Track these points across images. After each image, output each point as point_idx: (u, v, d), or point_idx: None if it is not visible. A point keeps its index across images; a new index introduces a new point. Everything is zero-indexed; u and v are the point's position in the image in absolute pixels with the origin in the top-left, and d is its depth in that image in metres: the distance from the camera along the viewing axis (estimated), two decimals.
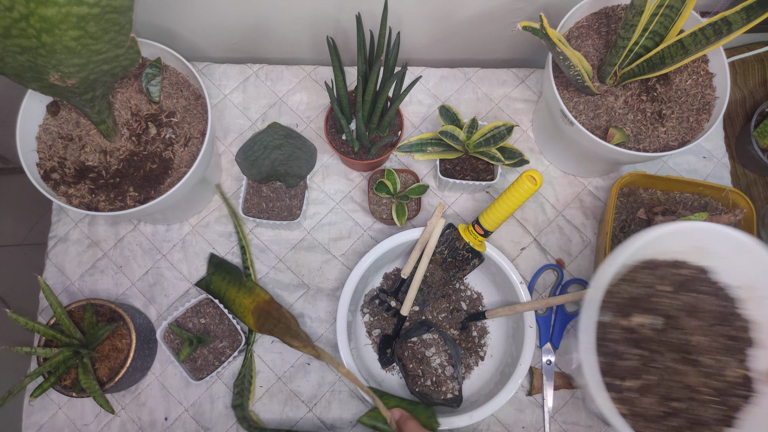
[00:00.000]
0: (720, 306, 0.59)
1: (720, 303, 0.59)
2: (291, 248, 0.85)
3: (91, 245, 0.85)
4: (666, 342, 0.56)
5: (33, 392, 0.67)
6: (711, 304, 0.58)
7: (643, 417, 0.54)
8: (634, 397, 0.55)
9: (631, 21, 0.66)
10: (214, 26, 0.86)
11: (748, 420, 0.55)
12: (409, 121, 0.91)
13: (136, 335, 0.73)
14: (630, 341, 0.56)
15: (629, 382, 0.55)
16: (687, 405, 0.55)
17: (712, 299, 0.59)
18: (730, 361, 0.56)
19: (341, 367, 0.72)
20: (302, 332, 0.77)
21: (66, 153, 0.71)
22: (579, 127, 0.70)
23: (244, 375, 0.79)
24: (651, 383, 0.55)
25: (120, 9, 0.53)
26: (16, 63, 0.55)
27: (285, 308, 0.79)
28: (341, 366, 0.72)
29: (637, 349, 0.56)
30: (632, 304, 0.58)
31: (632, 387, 0.54)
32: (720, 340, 0.57)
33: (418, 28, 0.86)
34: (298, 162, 0.73)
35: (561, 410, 0.80)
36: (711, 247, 0.59)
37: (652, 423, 0.54)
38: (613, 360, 0.55)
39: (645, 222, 0.81)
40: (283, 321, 0.78)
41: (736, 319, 0.58)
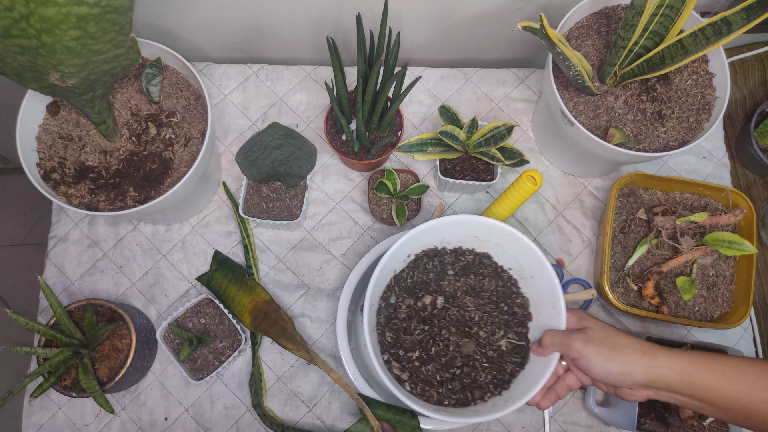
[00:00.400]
0: (501, 286, 0.68)
1: (501, 283, 0.68)
2: (291, 248, 0.85)
3: (91, 245, 0.85)
4: (449, 318, 0.66)
5: (33, 392, 0.67)
6: (492, 285, 0.68)
7: (426, 382, 0.64)
8: (417, 365, 0.64)
9: (631, 21, 0.66)
10: (214, 26, 0.86)
11: (518, 381, 0.63)
12: (409, 121, 0.91)
13: (136, 335, 0.73)
14: (419, 318, 0.66)
15: (414, 353, 0.65)
16: (465, 371, 0.64)
17: (494, 281, 0.68)
18: (506, 332, 0.66)
19: (333, 373, 0.72)
20: (297, 335, 0.77)
21: (66, 153, 0.71)
22: (579, 127, 0.70)
23: (254, 373, 0.79)
24: (433, 353, 0.65)
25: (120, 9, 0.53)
26: (16, 63, 0.55)
27: (283, 310, 0.79)
28: (333, 371, 0.72)
29: (424, 325, 0.66)
30: (421, 287, 0.68)
31: (416, 357, 0.64)
32: (499, 315, 0.66)
33: (418, 28, 0.86)
34: (298, 162, 0.73)
35: (561, 410, 0.80)
36: (481, 235, 0.67)
37: (434, 387, 0.63)
38: (401, 335, 0.66)
39: (645, 222, 0.81)
40: (280, 323, 0.78)
41: (517, 297, 0.68)
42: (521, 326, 0.66)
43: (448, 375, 0.64)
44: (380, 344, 0.66)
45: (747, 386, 0.50)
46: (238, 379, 0.80)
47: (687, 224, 0.78)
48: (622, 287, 0.79)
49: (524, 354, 0.65)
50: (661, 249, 0.79)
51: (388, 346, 0.65)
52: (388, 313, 0.67)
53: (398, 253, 0.65)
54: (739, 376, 0.51)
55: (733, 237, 0.74)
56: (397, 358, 0.65)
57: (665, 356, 0.53)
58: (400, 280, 0.68)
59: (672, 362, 0.53)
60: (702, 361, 0.52)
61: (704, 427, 0.72)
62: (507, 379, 0.64)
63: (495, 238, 0.67)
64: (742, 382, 0.51)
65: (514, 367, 0.64)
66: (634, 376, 0.54)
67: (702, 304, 0.79)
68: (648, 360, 0.53)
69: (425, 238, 0.67)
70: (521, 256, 0.66)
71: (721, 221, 0.78)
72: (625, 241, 0.81)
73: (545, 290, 0.64)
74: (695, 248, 0.77)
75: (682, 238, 0.77)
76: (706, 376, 0.52)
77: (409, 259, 0.68)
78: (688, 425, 0.72)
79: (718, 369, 0.52)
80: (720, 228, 0.79)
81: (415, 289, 0.68)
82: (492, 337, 0.66)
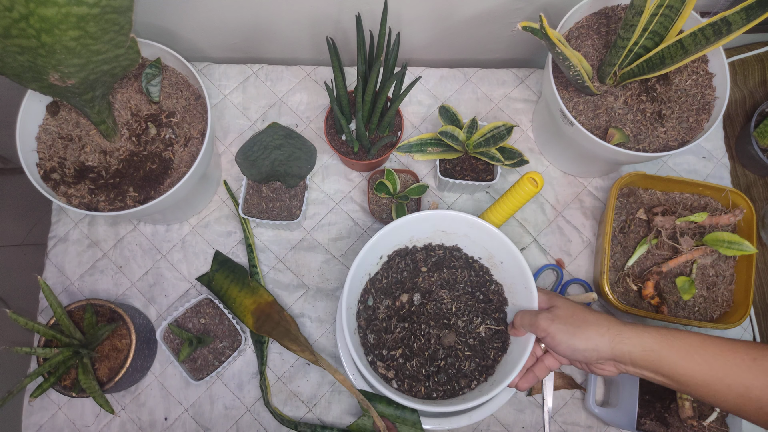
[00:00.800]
0: (474, 275, 0.70)
1: (474, 273, 0.70)
2: (291, 248, 0.85)
3: (91, 245, 0.85)
4: (427, 313, 0.68)
5: (33, 392, 0.67)
6: (466, 275, 0.70)
7: (412, 378, 0.65)
8: (402, 362, 0.66)
9: (631, 21, 0.66)
10: (214, 26, 0.86)
11: (502, 366, 0.65)
12: (409, 121, 0.91)
13: (136, 335, 0.73)
14: (399, 317, 0.68)
15: (397, 351, 0.66)
16: (449, 362, 0.66)
17: (466, 271, 0.70)
18: (483, 319, 0.67)
19: (337, 374, 0.72)
20: (301, 336, 0.77)
21: (66, 153, 0.71)
22: (579, 127, 0.70)
23: (263, 372, 0.79)
24: (416, 349, 0.66)
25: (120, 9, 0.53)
26: (16, 63, 0.55)
27: (287, 311, 0.79)
28: (337, 372, 0.72)
29: (404, 323, 0.67)
30: (396, 286, 0.69)
31: (399, 354, 0.66)
32: (475, 304, 0.68)
33: (418, 28, 0.86)
34: (297, 162, 0.73)
35: (561, 410, 0.80)
36: (448, 228, 0.70)
37: (420, 381, 0.65)
38: (383, 335, 0.67)
39: (645, 222, 0.81)
40: (283, 324, 0.78)
41: (491, 284, 0.70)
42: (498, 311, 0.68)
43: (433, 368, 0.66)
44: (363, 346, 0.67)
45: (703, 365, 0.52)
46: (238, 380, 0.80)
47: (687, 224, 0.78)
48: (622, 287, 0.79)
49: (505, 339, 0.67)
50: (660, 249, 0.79)
51: (372, 348, 0.67)
52: (367, 315, 0.69)
53: (369, 256, 0.67)
54: (697, 355, 0.52)
55: (732, 237, 0.74)
56: (382, 358, 0.66)
57: (631, 332, 0.54)
58: (375, 282, 0.70)
59: (637, 338, 0.54)
60: (665, 338, 0.53)
61: (704, 427, 0.72)
62: (491, 365, 0.66)
63: (461, 230, 0.69)
64: (699, 360, 0.52)
65: (497, 353, 0.66)
66: (599, 351, 0.55)
67: (702, 304, 0.79)
68: (613, 336, 0.55)
69: (394, 238, 0.69)
70: (488, 244, 0.68)
71: (721, 221, 0.78)
72: (625, 241, 0.81)
73: (515, 273, 0.66)
74: (695, 248, 0.77)
75: (682, 238, 0.77)
76: (667, 353, 0.53)
77: (382, 261, 0.71)
78: (688, 425, 0.72)
79: (677, 346, 0.53)
80: (720, 228, 0.79)
81: (391, 289, 0.70)
82: (471, 325, 0.67)
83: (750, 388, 0.50)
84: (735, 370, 0.51)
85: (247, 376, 0.80)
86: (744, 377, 0.50)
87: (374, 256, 0.69)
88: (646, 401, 0.74)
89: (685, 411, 0.72)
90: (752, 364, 0.50)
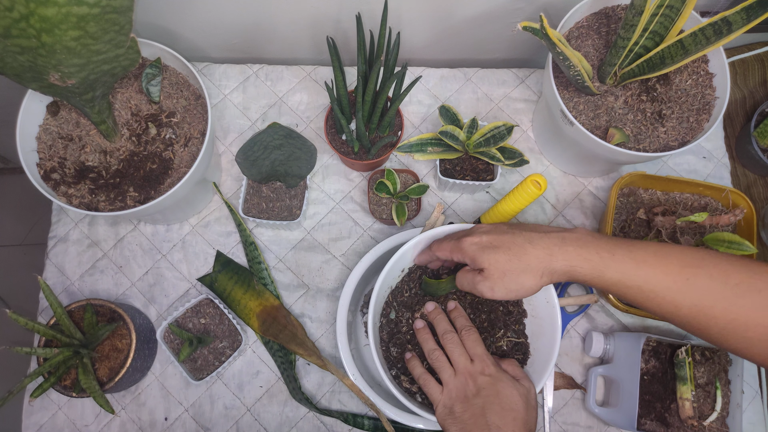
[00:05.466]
0: None
1: None
2: (291, 248, 0.85)
3: (91, 245, 0.85)
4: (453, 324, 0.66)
5: (33, 392, 0.67)
6: None
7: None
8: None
9: (631, 21, 0.66)
10: (214, 26, 0.86)
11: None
12: (409, 121, 0.91)
13: (136, 335, 0.73)
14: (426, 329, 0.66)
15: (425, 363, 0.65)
16: None
17: None
18: (505, 332, 0.67)
19: (346, 379, 0.72)
20: (309, 341, 0.77)
21: (66, 153, 0.71)
22: (579, 127, 0.70)
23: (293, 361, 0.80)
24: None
25: (120, 9, 0.53)
26: (16, 63, 0.55)
27: (293, 315, 0.79)
28: (346, 378, 0.72)
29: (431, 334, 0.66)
30: (418, 300, 0.69)
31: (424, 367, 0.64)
32: (496, 316, 0.68)
33: (418, 28, 0.86)
34: (298, 162, 0.73)
35: (561, 410, 0.80)
36: None
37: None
38: (407, 348, 0.67)
39: (645, 222, 0.81)
40: (290, 328, 0.78)
41: None
42: (518, 323, 0.68)
43: None
44: (386, 360, 0.67)
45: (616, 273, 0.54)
46: (238, 380, 0.80)
47: (687, 224, 0.78)
48: None
49: (525, 350, 0.67)
50: None
51: (395, 361, 0.67)
52: (390, 329, 0.68)
53: (393, 270, 0.67)
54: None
55: (733, 237, 0.74)
56: (405, 372, 0.66)
57: (564, 259, 0.55)
58: (397, 295, 0.70)
59: (573, 260, 0.55)
60: (609, 255, 0.54)
61: (704, 427, 0.72)
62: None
63: None
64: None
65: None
66: (540, 287, 0.57)
67: None
68: (549, 275, 0.56)
69: (416, 252, 0.68)
70: None
71: (721, 221, 0.78)
72: None
73: None
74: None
75: (682, 238, 0.77)
76: (611, 272, 0.54)
77: (404, 273, 0.70)
78: (688, 425, 0.72)
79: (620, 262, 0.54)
80: (720, 228, 0.79)
81: (412, 302, 0.69)
82: (492, 338, 0.67)
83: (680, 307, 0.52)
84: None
85: (247, 376, 0.80)
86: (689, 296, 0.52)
87: (396, 270, 0.69)
88: (646, 401, 0.74)
89: (685, 411, 0.72)
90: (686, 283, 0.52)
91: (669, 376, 0.74)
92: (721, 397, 0.73)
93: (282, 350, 0.79)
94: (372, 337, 0.64)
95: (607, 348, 0.79)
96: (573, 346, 0.82)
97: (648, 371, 0.75)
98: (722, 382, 0.74)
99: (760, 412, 0.81)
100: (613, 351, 0.79)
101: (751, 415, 0.81)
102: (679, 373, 0.72)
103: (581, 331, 0.83)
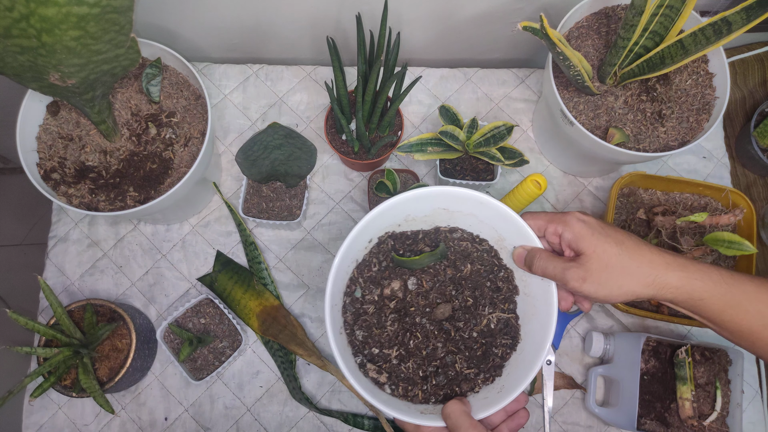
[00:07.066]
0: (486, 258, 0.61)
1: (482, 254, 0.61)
2: (291, 248, 0.85)
3: (91, 245, 0.85)
4: (425, 302, 0.59)
5: (33, 392, 0.67)
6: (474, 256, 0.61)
7: (408, 380, 0.57)
8: (396, 363, 0.58)
9: (631, 21, 0.66)
10: (214, 26, 0.86)
11: (511, 365, 0.57)
12: (409, 121, 0.91)
13: (136, 335, 0.73)
14: (392, 309, 0.59)
15: (391, 350, 0.58)
16: (449, 360, 0.58)
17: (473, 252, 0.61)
18: (493, 310, 0.58)
19: (345, 381, 0.72)
20: (309, 341, 0.77)
21: (66, 153, 0.71)
22: (579, 127, 0.70)
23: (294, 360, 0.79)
24: (412, 347, 0.58)
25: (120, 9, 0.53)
26: (16, 63, 0.55)
27: (293, 316, 0.79)
28: (345, 380, 0.72)
29: (397, 314, 0.59)
30: (389, 272, 0.60)
31: (394, 355, 0.58)
32: (484, 291, 0.59)
33: (418, 28, 0.86)
34: (298, 162, 0.73)
35: (561, 410, 0.80)
36: (452, 206, 0.60)
37: (417, 384, 0.57)
38: (373, 330, 0.58)
39: (645, 222, 0.81)
40: (290, 328, 0.78)
41: (501, 269, 0.60)
42: (507, 302, 0.60)
43: (431, 368, 0.58)
44: (351, 345, 0.59)
45: (755, 315, 0.49)
46: (238, 379, 0.80)
47: (687, 224, 0.78)
48: None
49: (514, 333, 0.59)
50: None
51: (360, 347, 0.59)
52: (355, 309, 0.60)
53: (358, 239, 0.57)
54: (750, 304, 0.49)
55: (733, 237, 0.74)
56: (372, 359, 0.58)
57: (678, 279, 0.49)
58: (363, 269, 0.61)
59: (685, 286, 0.49)
60: (717, 285, 0.49)
61: (704, 427, 0.72)
62: (498, 364, 0.58)
63: (466, 208, 0.60)
64: (750, 310, 0.49)
65: (505, 350, 0.59)
66: (637, 298, 0.50)
67: None
68: (658, 287, 0.49)
69: (387, 218, 0.59)
70: (498, 225, 0.59)
71: (721, 221, 0.78)
72: None
73: None
74: (695, 248, 0.77)
75: (682, 238, 0.77)
76: (714, 303, 0.49)
77: (372, 244, 0.61)
78: (688, 425, 0.72)
79: (729, 293, 0.49)
80: (720, 228, 0.79)
81: (381, 276, 0.61)
82: (476, 319, 0.59)
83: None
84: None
85: (247, 375, 0.80)
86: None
87: (363, 240, 0.59)
88: (646, 401, 0.74)
89: (685, 411, 0.72)
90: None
91: (669, 376, 0.74)
92: (721, 396, 0.73)
93: (282, 350, 0.79)
94: (329, 320, 0.55)
95: (607, 348, 0.79)
96: (573, 346, 0.82)
97: (648, 371, 0.75)
98: (722, 382, 0.74)
99: (760, 411, 0.81)
100: (613, 351, 0.79)
101: (751, 414, 0.81)
102: (679, 373, 0.72)
103: (581, 331, 0.83)
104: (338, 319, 0.59)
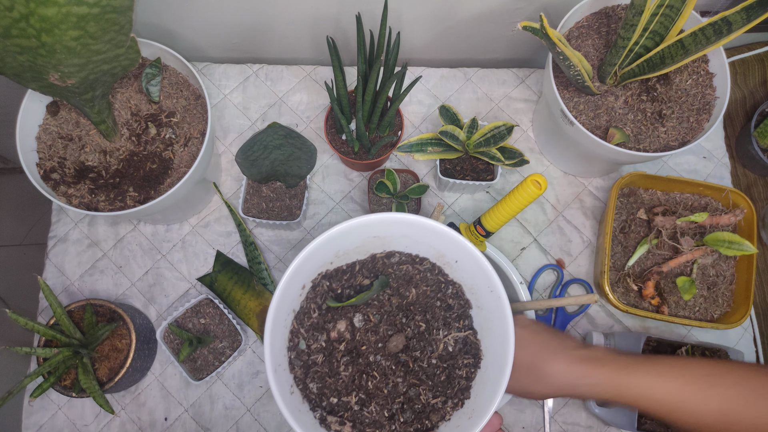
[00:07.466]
0: (431, 277, 0.59)
1: (425, 274, 0.59)
2: (291, 248, 0.85)
3: (91, 245, 0.84)
4: (376, 338, 0.56)
5: (33, 392, 0.67)
6: (417, 278, 0.59)
7: (374, 424, 0.54)
8: (358, 409, 0.54)
9: (631, 21, 0.66)
10: (214, 26, 0.86)
11: (478, 384, 0.56)
12: (409, 121, 0.91)
13: (136, 335, 0.73)
14: (342, 352, 0.55)
15: (350, 396, 0.54)
16: (413, 393, 0.55)
17: (417, 274, 0.59)
18: (449, 331, 0.57)
19: None
20: None
21: (66, 153, 0.71)
22: (579, 127, 0.70)
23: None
24: (371, 388, 0.55)
25: (120, 9, 0.53)
26: (16, 63, 0.55)
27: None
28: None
29: (349, 356, 0.55)
30: (331, 315, 0.57)
31: (354, 401, 0.54)
32: (435, 312, 0.57)
33: (418, 28, 0.86)
34: (298, 162, 0.73)
35: (561, 410, 0.80)
36: (382, 232, 0.57)
37: (384, 427, 0.54)
38: (327, 380, 0.55)
39: (645, 222, 0.81)
40: None
41: (449, 286, 0.59)
42: (462, 319, 0.57)
43: (396, 406, 0.55)
44: (307, 401, 0.55)
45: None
46: (238, 380, 0.80)
47: (687, 224, 0.78)
48: (623, 287, 0.79)
49: (475, 350, 0.56)
50: (661, 249, 0.79)
51: (317, 400, 0.55)
52: (302, 362, 0.56)
53: (289, 289, 0.54)
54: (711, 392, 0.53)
55: (733, 237, 0.74)
56: (332, 410, 0.54)
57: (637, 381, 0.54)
58: (303, 319, 0.57)
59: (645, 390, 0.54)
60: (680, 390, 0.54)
61: None
62: (465, 386, 0.56)
63: (398, 231, 0.57)
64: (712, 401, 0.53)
65: (470, 370, 0.56)
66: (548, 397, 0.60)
67: (702, 304, 0.79)
68: (561, 390, 0.57)
69: (315, 261, 0.56)
70: (434, 242, 0.57)
71: (722, 221, 0.78)
72: (626, 241, 0.81)
73: (475, 273, 0.55)
74: (695, 248, 0.77)
75: (683, 238, 0.77)
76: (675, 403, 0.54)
77: (306, 289, 0.57)
78: None
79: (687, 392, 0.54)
80: (720, 228, 0.79)
81: (323, 321, 0.57)
82: (433, 344, 0.56)
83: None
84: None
85: (247, 376, 0.80)
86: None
87: (295, 288, 0.55)
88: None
89: None
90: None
91: None
92: None
93: None
94: (274, 384, 0.50)
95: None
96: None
97: None
98: None
99: None
100: None
101: None
102: None
103: (581, 331, 0.83)
104: (286, 378, 0.55)
